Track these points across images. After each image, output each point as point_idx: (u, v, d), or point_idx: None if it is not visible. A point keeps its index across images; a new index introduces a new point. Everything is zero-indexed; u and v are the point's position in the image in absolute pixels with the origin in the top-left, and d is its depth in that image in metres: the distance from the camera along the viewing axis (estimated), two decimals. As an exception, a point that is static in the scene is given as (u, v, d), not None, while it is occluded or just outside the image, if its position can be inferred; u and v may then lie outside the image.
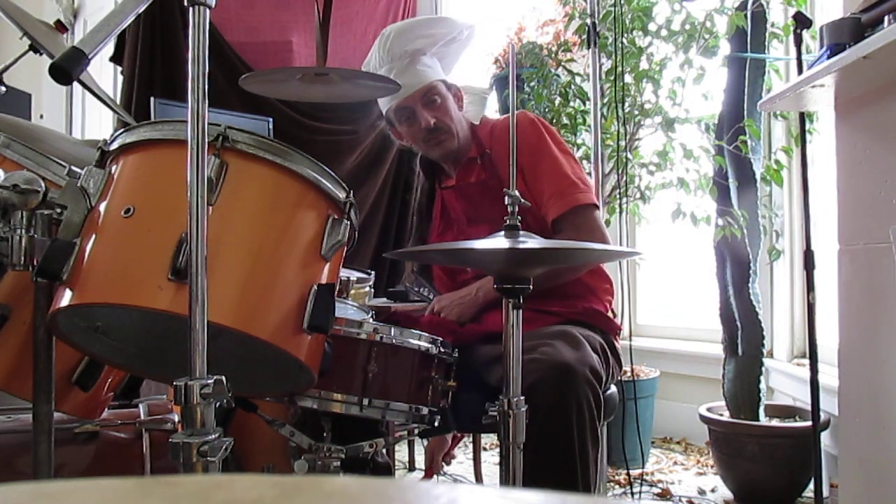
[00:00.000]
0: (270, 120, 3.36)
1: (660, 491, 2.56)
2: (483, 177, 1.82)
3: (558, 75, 3.12)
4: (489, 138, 1.85)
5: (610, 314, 1.82)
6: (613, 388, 1.78)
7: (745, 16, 2.43)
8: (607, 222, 2.73)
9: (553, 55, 3.14)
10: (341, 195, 1.13)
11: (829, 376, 1.93)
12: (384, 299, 2.88)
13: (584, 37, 2.56)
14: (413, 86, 1.75)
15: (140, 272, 0.98)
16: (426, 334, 1.38)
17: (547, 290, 1.69)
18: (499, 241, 1.16)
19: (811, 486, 1.92)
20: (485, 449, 2.86)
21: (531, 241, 1.16)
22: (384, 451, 1.43)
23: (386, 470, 1.49)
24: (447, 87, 1.82)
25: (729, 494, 2.50)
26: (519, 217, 1.19)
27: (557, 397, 1.39)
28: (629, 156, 2.78)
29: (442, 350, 1.38)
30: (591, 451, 1.45)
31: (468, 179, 1.85)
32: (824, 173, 2.15)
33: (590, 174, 2.48)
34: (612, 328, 1.78)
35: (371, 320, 1.39)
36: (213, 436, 0.87)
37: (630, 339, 2.52)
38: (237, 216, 1.03)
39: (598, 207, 1.79)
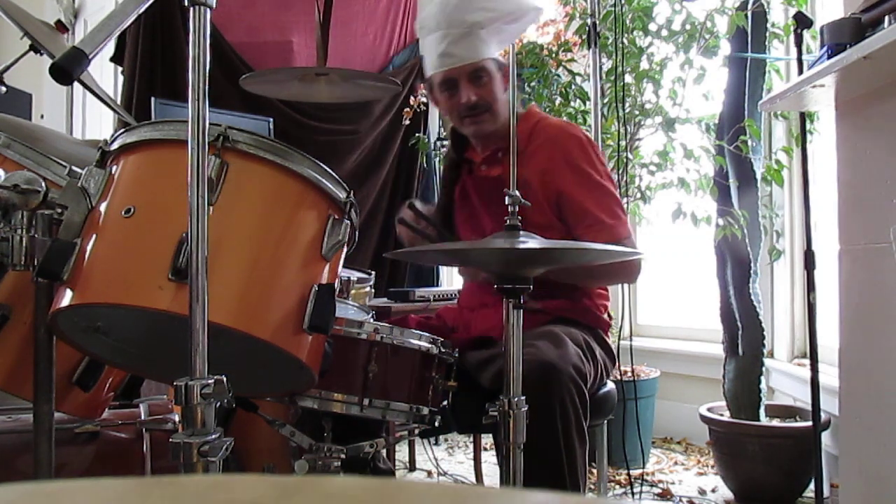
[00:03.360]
0: (271, 120, 3.36)
1: (660, 491, 2.56)
2: (503, 172, 1.75)
3: (559, 75, 3.12)
4: (526, 138, 1.76)
5: (603, 313, 1.81)
6: (612, 387, 1.78)
7: (746, 16, 2.43)
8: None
9: (553, 55, 3.14)
10: (342, 195, 1.13)
11: (829, 376, 1.93)
12: (385, 299, 2.89)
13: (585, 37, 2.55)
14: (463, 59, 1.68)
15: (140, 272, 0.98)
16: (427, 334, 1.38)
17: (535, 289, 1.69)
18: (499, 241, 1.16)
19: (812, 486, 1.92)
20: (485, 449, 2.86)
21: (531, 241, 1.16)
22: (385, 455, 1.43)
23: (389, 476, 1.49)
24: (498, 66, 1.76)
25: (729, 494, 2.50)
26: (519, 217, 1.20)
27: (541, 397, 1.39)
28: (630, 156, 2.78)
29: (442, 350, 1.38)
30: (578, 448, 1.44)
31: (490, 173, 1.80)
32: (825, 173, 2.15)
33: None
34: (601, 324, 1.77)
35: (371, 320, 1.39)
36: (214, 436, 0.87)
37: (630, 339, 2.51)
38: (238, 216, 1.03)
39: (630, 236, 1.74)
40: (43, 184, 1.01)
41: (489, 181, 1.79)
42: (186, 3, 0.89)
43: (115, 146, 1.07)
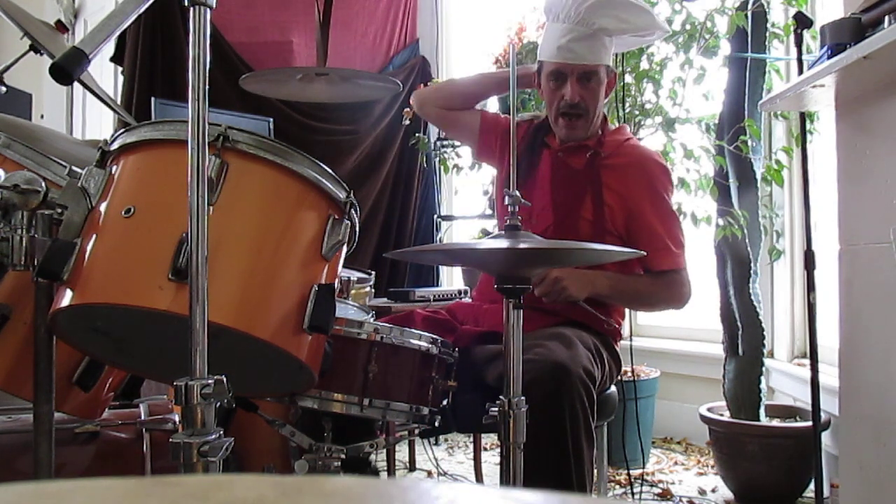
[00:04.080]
0: (271, 120, 3.36)
1: (660, 491, 2.56)
2: (581, 167, 1.79)
3: (559, 75, 3.11)
4: (613, 148, 1.82)
5: (613, 321, 1.81)
6: (612, 388, 1.78)
7: (746, 16, 2.43)
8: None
9: (553, 55, 3.14)
10: (342, 195, 1.13)
11: (829, 376, 1.93)
12: (385, 299, 2.88)
13: (585, 37, 2.55)
14: (581, 58, 1.71)
15: (140, 272, 0.98)
16: (427, 334, 1.38)
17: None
18: (499, 241, 1.16)
19: (812, 486, 1.92)
20: (485, 449, 2.86)
21: (531, 241, 1.16)
22: (386, 455, 1.42)
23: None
24: (607, 73, 1.79)
25: (729, 494, 2.50)
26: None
27: (551, 396, 1.39)
28: (629, 156, 2.77)
29: (442, 350, 1.38)
30: (586, 449, 1.45)
31: (568, 161, 1.82)
32: (825, 173, 2.15)
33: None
34: (610, 331, 1.78)
35: (371, 320, 1.39)
36: (214, 436, 0.87)
37: (630, 339, 2.51)
38: (238, 216, 1.03)
39: (687, 268, 1.82)
40: (43, 184, 1.01)
41: (566, 168, 1.82)
42: (186, 3, 0.89)
43: (115, 146, 1.07)
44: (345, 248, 1.15)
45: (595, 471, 2.09)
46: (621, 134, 1.88)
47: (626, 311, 1.96)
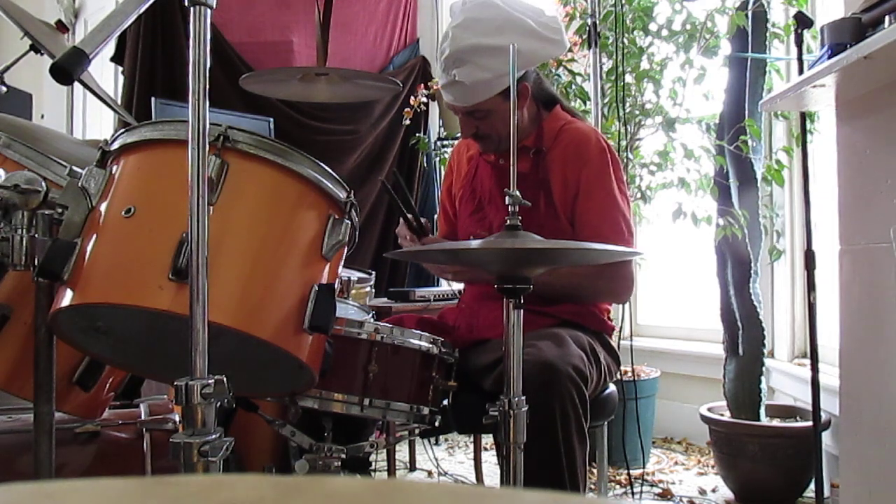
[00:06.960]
0: (271, 120, 3.36)
1: (661, 491, 2.56)
2: (527, 169, 1.73)
3: (559, 75, 3.11)
4: (552, 137, 1.76)
5: (606, 317, 1.80)
6: (612, 388, 1.78)
7: (746, 16, 2.43)
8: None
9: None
10: (342, 195, 1.13)
11: (829, 376, 1.93)
12: (385, 299, 2.89)
13: (585, 37, 2.55)
14: (459, 100, 1.69)
15: (141, 272, 0.98)
16: (427, 334, 1.38)
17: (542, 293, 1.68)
18: (499, 241, 1.16)
19: (812, 486, 1.92)
20: (485, 449, 2.86)
21: (531, 241, 1.16)
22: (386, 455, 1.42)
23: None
24: (504, 97, 1.64)
25: (730, 494, 2.50)
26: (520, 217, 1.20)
27: (540, 396, 1.38)
28: (630, 156, 2.78)
29: (443, 350, 1.38)
30: (577, 448, 1.44)
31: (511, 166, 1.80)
32: (825, 173, 2.15)
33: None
34: (605, 328, 1.78)
35: (372, 320, 1.39)
36: (214, 436, 0.88)
37: (631, 339, 2.51)
38: (238, 216, 1.03)
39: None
40: (43, 184, 1.01)
41: (506, 171, 1.78)
42: (186, 3, 0.89)
43: (115, 146, 1.07)
44: (345, 248, 1.15)
45: (595, 470, 2.08)
46: (557, 119, 1.81)
47: (612, 305, 1.93)
